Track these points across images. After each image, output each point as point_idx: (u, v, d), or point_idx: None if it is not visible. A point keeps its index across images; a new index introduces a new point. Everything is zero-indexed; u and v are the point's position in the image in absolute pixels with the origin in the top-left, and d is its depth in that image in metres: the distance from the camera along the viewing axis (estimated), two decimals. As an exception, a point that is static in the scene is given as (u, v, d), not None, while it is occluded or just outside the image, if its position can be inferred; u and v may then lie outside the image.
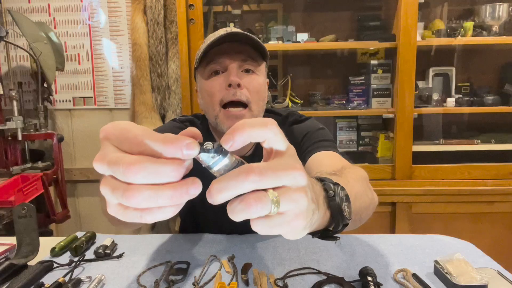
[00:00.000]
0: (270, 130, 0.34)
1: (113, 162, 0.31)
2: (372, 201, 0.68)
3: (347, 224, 0.48)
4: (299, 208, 0.35)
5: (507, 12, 1.78)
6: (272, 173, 0.32)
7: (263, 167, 0.32)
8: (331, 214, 0.46)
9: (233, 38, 0.85)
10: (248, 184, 0.31)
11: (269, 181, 0.32)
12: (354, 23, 1.97)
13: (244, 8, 1.97)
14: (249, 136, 0.33)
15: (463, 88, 1.94)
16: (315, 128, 0.95)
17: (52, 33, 1.98)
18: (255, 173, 0.31)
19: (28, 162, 1.97)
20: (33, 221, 0.82)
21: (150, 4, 1.92)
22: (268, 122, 0.34)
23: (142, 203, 0.31)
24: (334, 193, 0.45)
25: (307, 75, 2.09)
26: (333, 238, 0.49)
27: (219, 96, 0.85)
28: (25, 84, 2.12)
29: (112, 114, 2.18)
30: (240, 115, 0.84)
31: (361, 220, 0.65)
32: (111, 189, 0.32)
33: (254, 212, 0.32)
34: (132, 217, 0.32)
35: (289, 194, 0.33)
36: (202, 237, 0.93)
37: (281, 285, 0.70)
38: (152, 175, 0.30)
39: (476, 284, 0.65)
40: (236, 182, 0.31)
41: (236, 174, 0.31)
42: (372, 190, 0.70)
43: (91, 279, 0.72)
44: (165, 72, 1.98)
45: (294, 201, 0.34)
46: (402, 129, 1.74)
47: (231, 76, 0.84)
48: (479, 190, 1.70)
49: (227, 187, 0.31)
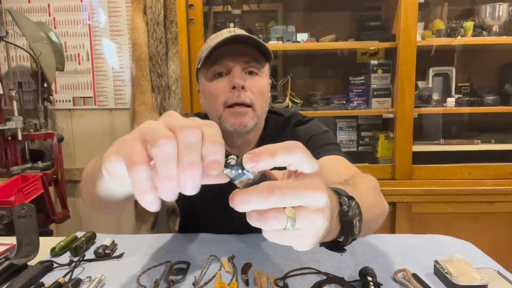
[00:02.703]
0: (295, 157, 0.34)
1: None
2: (383, 211, 0.69)
3: (355, 239, 0.48)
4: (314, 227, 0.36)
5: (507, 12, 1.78)
6: (293, 193, 0.33)
7: (285, 186, 0.33)
8: (342, 228, 0.46)
9: (237, 39, 0.85)
10: (269, 203, 0.33)
11: (289, 200, 0.33)
12: (354, 23, 1.97)
13: (244, 8, 1.96)
14: (273, 163, 0.33)
15: (463, 88, 1.94)
16: (319, 131, 0.95)
17: (52, 33, 1.98)
18: (277, 194, 0.33)
19: (28, 162, 1.97)
20: (33, 221, 0.82)
21: (150, 4, 1.92)
22: (293, 147, 0.35)
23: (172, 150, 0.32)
24: (348, 208, 0.46)
25: (307, 75, 2.09)
26: (340, 250, 0.49)
27: (223, 98, 0.86)
28: (25, 84, 2.12)
29: (112, 114, 2.18)
30: (244, 111, 0.84)
31: (370, 230, 0.66)
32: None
33: (269, 226, 0.34)
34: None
35: (306, 214, 0.34)
36: (202, 237, 0.93)
37: (281, 285, 0.70)
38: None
39: (476, 284, 0.65)
40: (258, 199, 0.33)
41: (258, 191, 0.33)
42: (383, 200, 0.70)
43: (91, 279, 0.72)
44: (165, 72, 1.98)
45: (310, 221, 0.35)
46: (402, 129, 1.74)
47: (235, 78, 0.84)
48: (479, 190, 1.70)
49: (248, 202, 0.33)
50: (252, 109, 0.86)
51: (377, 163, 1.85)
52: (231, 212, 0.38)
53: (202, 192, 0.34)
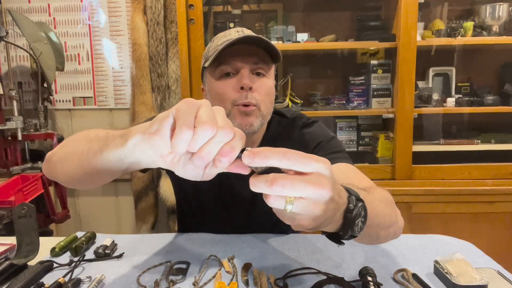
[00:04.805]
0: (286, 161, 0.40)
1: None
2: (395, 224, 0.69)
3: (355, 236, 0.52)
4: (309, 216, 0.42)
5: (507, 12, 1.78)
6: (292, 186, 0.40)
7: (287, 179, 0.40)
8: (343, 224, 0.50)
9: (248, 40, 0.85)
10: (271, 190, 0.40)
11: (288, 191, 0.40)
12: (354, 23, 1.97)
13: (244, 8, 1.96)
14: (266, 163, 0.40)
15: (463, 88, 1.94)
16: (327, 137, 0.96)
17: (52, 33, 1.98)
18: (277, 185, 0.39)
19: (28, 162, 1.97)
20: (33, 221, 0.82)
21: (150, 4, 1.92)
22: (287, 152, 0.40)
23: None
24: (354, 207, 0.49)
25: (307, 75, 2.09)
26: (338, 242, 0.53)
27: (231, 97, 0.86)
28: (25, 84, 2.12)
29: (112, 114, 2.18)
30: (251, 111, 0.85)
31: (378, 238, 0.67)
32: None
33: (271, 204, 0.41)
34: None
35: (303, 204, 0.41)
36: (202, 237, 0.93)
37: (281, 285, 0.70)
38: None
39: (476, 284, 0.65)
40: (264, 186, 0.40)
41: (265, 180, 0.40)
42: (397, 215, 0.71)
43: (91, 279, 0.72)
44: (165, 72, 1.98)
45: (306, 210, 0.42)
46: (402, 129, 1.74)
47: (244, 79, 0.84)
48: (479, 190, 1.70)
49: (257, 186, 0.41)
50: (257, 109, 0.86)
51: (377, 163, 1.85)
52: (231, 213, 0.40)
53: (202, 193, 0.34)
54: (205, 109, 0.42)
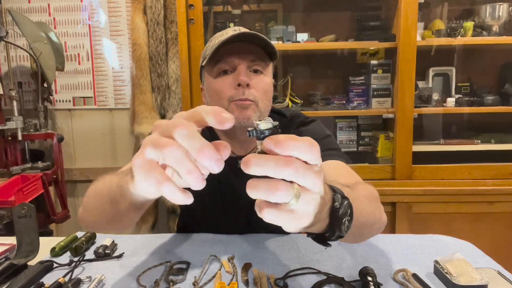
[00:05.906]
0: (310, 155, 0.37)
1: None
2: (379, 221, 0.68)
3: (342, 236, 0.49)
4: (309, 211, 0.39)
5: (507, 12, 1.78)
6: (304, 173, 0.36)
7: (300, 164, 0.36)
8: (330, 224, 0.47)
9: (243, 38, 0.85)
10: (283, 173, 0.35)
11: (299, 177, 0.36)
12: (354, 23, 1.97)
13: (244, 8, 1.96)
14: (287, 153, 0.36)
15: (463, 88, 1.94)
16: (322, 135, 0.95)
17: (52, 33, 1.98)
18: (293, 167, 0.35)
19: (28, 162, 1.97)
20: (33, 221, 0.82)
21: (150, 4, 1.92)
22: (313, 147, 0.37)
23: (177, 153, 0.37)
24: (340, 205, 0.47)
25: (307, 75, 2.09)
26: (325, 244, 0.50)
27: (228, 94, 0.86)
28: (25, 84, 2.12)
29: (112, 114, 2.18)
30: (248, 104, 0.84)
31: (362, 236, 0.67)
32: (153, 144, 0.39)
33: (277, 196, 0.36)
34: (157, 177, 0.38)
35: (308, 196, 0.38)
36: (202, 237, 0.93)
37: (281, 285, 0.70)
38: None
39: (476, 284, 0.65)
40: (274, 165, 0.35)
41: (277, 159, 0.35)
42: (381, 211, 0.70)
43: (91, 279, 0.72)
44: (165, 72, 1.98)
45: (308, 204, 0.38)
46: (402, 129, 1.74)
47: (241, 76, 0.84)
48: (479, 190, 1.70)
49: (264, 166, 0.35)
50: (255, 105, 0.86)
51: (377, 163, 1.85)
52: (231, 213, 0.39)
53: (202, 194, 0.34)
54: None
